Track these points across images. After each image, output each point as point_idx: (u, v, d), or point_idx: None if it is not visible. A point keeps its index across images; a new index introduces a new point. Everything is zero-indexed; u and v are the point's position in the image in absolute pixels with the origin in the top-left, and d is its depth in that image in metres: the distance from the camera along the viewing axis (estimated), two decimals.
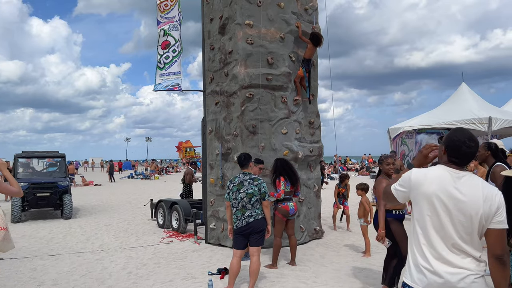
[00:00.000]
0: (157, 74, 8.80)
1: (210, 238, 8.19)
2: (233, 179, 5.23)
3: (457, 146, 2.28)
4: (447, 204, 2.23)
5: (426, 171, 2.35)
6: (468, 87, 12.65)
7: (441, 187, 2.25)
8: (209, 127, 8.49)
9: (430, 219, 2.27)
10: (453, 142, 2.30)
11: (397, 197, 2.45)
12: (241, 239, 5.09)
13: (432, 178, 2.29)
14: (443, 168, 2.33)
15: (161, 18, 8.99)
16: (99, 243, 8.60)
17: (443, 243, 2.24)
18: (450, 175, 2.28)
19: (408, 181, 2.37)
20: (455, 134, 2.32)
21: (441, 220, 2.24)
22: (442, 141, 2.43)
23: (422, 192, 2.30)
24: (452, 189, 2.24)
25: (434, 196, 2.25)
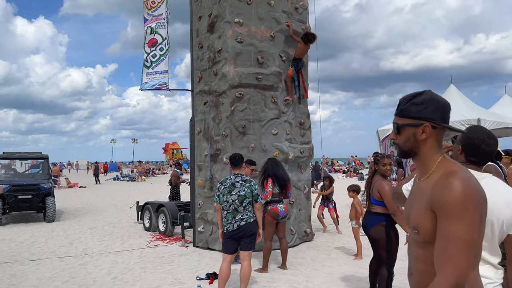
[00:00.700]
0: (144, 73, 8.56)
1: (198, 242, 7.97)
2: (223, 181, 5.03)
3: (476, 145, 2.14)
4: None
5: None
6: (457, 89, 12.71)
7: None
8: (198, 128, 8.29)
9: None
10: (472, 141, 2.15)
11: (407, 195, 2.29)
12: (231, 243, 4.89)
13: None
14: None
15: (148, 15, 8.77)
16: (82, 247, 8.31)
17: None
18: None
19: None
20: (473, 132, 2.17)
21: None
22: (457, 140, 2.26)
23: None
24: None
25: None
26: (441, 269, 1.45)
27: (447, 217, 1.46)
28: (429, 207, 1.54)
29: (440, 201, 1.49)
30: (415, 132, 1.62)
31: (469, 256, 1.44)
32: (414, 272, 1.67)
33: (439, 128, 1.63)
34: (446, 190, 1.47)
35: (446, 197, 1.46)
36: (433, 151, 1.64)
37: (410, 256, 1.73)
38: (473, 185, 1.49)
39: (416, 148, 1.64)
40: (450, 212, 1.45)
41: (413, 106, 1.63)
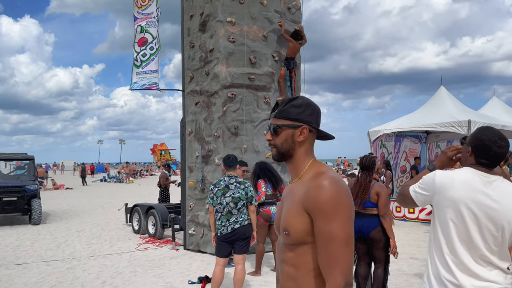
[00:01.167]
0: (134, 73, 8.40)
1: (189, 244, 7.83)
2: (217, 183, 4.91)
3: (487, 147, 2.06)
4: (476, 212, 2.00)
5: (453, 174, 2.11)
6: (447, 91, 12.74)
7: (469, 193, 2.01)
8: (189, 128, 8.15)
9: (456, 227, 2.03)
10: (482, 142, 2.07)
11: (417, 200, 2.20)
12: (225, 247, 4.77)
13: (460, 182, 2.05)
14: (471, 171, 2.09)
15: (138, 14, 8.60)
16: (70, 250, 8.10)
17: (469, 254, 2.00)
18: (480, 179, 2.05)
19: (432, 184, 2.11)
20: (484, 133, 2.09)
21: (468, 229, 2.01)
22: (466, 141, 2.18)
23: (448, 198, 2.05)
24: (482, 195, 2.00)
25: (462, 203, 2.01)
26: (328, 273, 1.47)
27: (325, 218, 1.47)
28: (303, 208, 1.54)
29: (315, 202, 1.49)
30: (293, 134, 1.64)
31: (351, 253, 1.48)
32: (280, 277, 1.65)
33: (314, 132, 1.67)
34: (319, 191, 1.49)
35: (322, 198, 1.48)
36: (306, 154, 1.66)
37: (277, 261, 1.71)
38: (341, 184, 1.53)
39: (292, 150, 1.65)
40: (327, 212, 1.47)
41: (292, 108, 1.64)
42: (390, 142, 13.18)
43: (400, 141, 13.52)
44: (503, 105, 15.24)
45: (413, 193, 2.21)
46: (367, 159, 4.84)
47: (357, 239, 4.69)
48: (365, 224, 4.67)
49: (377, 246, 4.70)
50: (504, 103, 15.50)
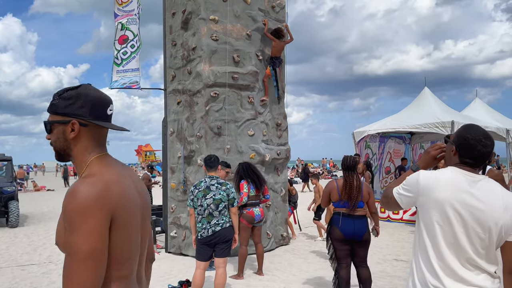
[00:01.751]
0: (114, 71, 8.16)
1: (170, 247, 7.65)
2: (198, 184, 4.75)
3: (471, 146, 1.96)
4: (462, 213, 1.90)
5: (437, 174, 2.01)
6: (431, 92, 12.80)
7: (455, 194, 1.92)
8: (170, 128, 7.97)
9: (442, 229, 1.93)
10: (467, 141, 1.97)
11: (401, 202, 2.10)
12: (206, 250, 4.62)
13: (445, 182, 1.95)
14: (456, 171, 1.99)
15: (119, 11, 8.38)
16: (47, 254, 7.84)
17: (455, 258, 1.90)
18: (465, 179, 1.95)
19: (416, 184, 2.01)
20: (468, 132, 1.99)
21: (455, 232, 1.91)
22: (450, 140, 2.08)
23: (432, 199, 1.94)
24: (468, 196, 1.91)
25: (447, 204, 1.91)
26: None
27: (70, 228, 1.29)
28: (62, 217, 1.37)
29: (64, 210, 1.32)
30: (64, 130, 1.45)
31: (94, 267, 1.28)
32: None
33: (93, 126, 1.46)
34: (68, 198, 1.31)
35: (69, 205, 1.30)
36: (86, 152, 1.46)
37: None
38: (99, 188, 1.32)
39: (68, 149, 1.47)
40: (71, 222, 1.28)
41: (61, 101, 1.46)
42: (374, 143, 13.19)
43: (384, 142, 13.53)
44: (486, 107, 15.42)
45: (396, 195, 2.10)
46: (351, 159, 4.78)
47: (345, 241, 4.60)
48: (359, 227, 4.62)
49: (365, 246, 4.71)
50: (486, 104, 15.69)
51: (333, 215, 4.75)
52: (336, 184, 4.73)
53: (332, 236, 4.69)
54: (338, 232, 4.59)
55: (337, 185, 4.70)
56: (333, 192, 4.69)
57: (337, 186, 4.69)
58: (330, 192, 4.71)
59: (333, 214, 4.76)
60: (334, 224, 4.65)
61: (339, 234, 4.59)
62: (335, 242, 4.65)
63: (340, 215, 4.61)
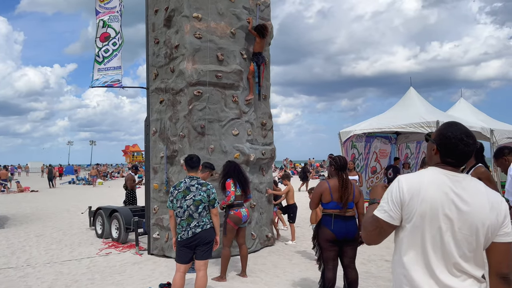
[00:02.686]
0: (95, 69, 7.99)
1: (153, 249, 7.50)
2: (177, 185, 4.62)
3: (453, 144, 1.87)
4: (448, 215, 1.80)
5: (419, 176, 1.91)
6: (416, 92, 12.83)
7: (439, 195, 1.82)
8: (153, 128, 7.82)
9: (428, 234, 1.82)
10: (448, 140, 1.88)
11: (393, 220, 1.87)
12: (186, 252, 4.50)
13: (428, 184, 1.85)
14: (437, 171, 1.89)
15: (100, 8, 8.21)
16: (25, 257, 7.63)
17: (441, 264, 1.80)
18: (448, 179, 1.86)
19: (401, 193, 1.86)
20: (449, 130, 1.90)
21: (442, 235, 1.80)
22: (431, 138, 1.99)
23: (418, 202, 1.83)
24: (454, 196, 1.81)
25: (432, 206, 1.81)
26: None
27: None
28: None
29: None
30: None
31: None
32: None
33: None
34: None
35: None
36: None
37: None
38: None
39: None
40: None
41: None
42: (360, 143, 13.17)
43: (370, 142, 13.52)
44: (470, 107, 15.52)
45: (385, 215, 1.89)
46: (342, 159, 4.69)
47: (335, 242, 4.51)
48: (350, 228, 4.56)
49: (355, 246, 4.66)
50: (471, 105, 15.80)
51: (323, 216, 4.62)
52: (328, 185, 4.56)
53: (321, 237, 4.56)
54: (329, 233, 4.47)
55: (329, 186, 4.55)
56: (325, 193, 4.53)
57: (329, 187, 4.54)
58: (322, 193, 4.56)
59: (322, 215, 4.63)
60: (325, 225, 4.52)
61: (330, 234, 4.47)
62: (324, 243, 4.53)
63: (332, 217, 4.49)
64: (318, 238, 4.66)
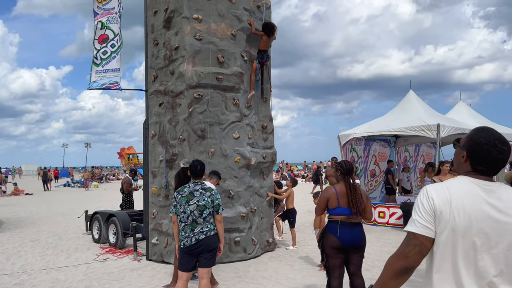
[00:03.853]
0: (93, 71, 7.84)
1: (152, 255, 7.34)
2: (181, 189, 4.48)
3: (485, 151, 1.73)
4: (483, 229, 1.66)
5: (448, 186, 1.75)
6: (416, 95, 12.77)
7: (472, 207, 1.68)
8: (152, 131, 7.67)
9: (461, 250, 1.67)
10: (479, 146, 1.74)
11: (431, 234, 1.70)
12: (189, 259, 4.35)
13: (460, 195, 1.71)
14: (468, 181, 1.75)
15: (99, 9, 8.06)
16: (21, 263, 7.44)
17: (474, 283, 1.66)
18: (481, 188, 1.72)
19: (431, 203, 1.72)
20: (481, 135, 1.76)
21: (475, 251, 1.66)
22: (459, 144, 1.85)
23: (449, 216, 1.69)
24: (488, 208, 1.67)
25: (466, 220, 1.67)
26: None
27: None
28: None
29: None
30: None
31: None
32: None
33: None
34: None
35: None
36: None
37: None
38: None
39: None
40: None
41: None
42: (360, 146, 13.09)
43: (369, 145, 13.45)
44: (469, 110, 15.52)
45: (422, 229, 1.71)
46: (349, 163, 4.58)
47: (341, 249, 4.38)
48: (357, 234, 4.42)
49: (362, 253, 4.53)
50: (470, 107, 15.80)
51: (328, 222, 4.49)
52: (335, 190, 4.42)
53: (327, 245, 4.42)
54: (335, 240, 4.33)
55: (336, 191, 4.41)
56: (332, 198, 4.39)
57: (336, 192, 4.41)
58: (329, 199, 4.42)
59: (328, 221, 4.50)
60: (331, 232, 4.38)
61: (336, 241, 4.33)
62: (330, 250, 4.39)
63: (338, 223, 4.36)
64: (323, 245, 4.53)
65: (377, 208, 10.85)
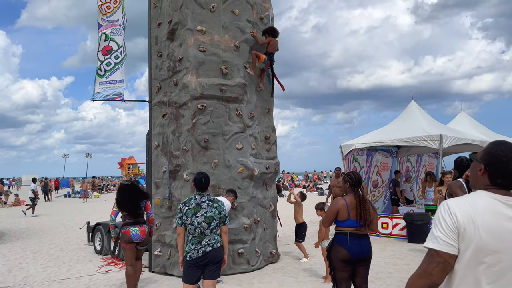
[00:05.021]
0: (97, 82, 7.87)
1: (154, 266, 7.29)
2: (187, 201, 4.46)
3: (503, 163, 1.70)
4: (508, 245, 1.62)
5: (470, 201, 1.71)
6: (417, 105, 12.80)
7: (496, 224, 1.64)
8: (155, 142, 7.68)
9: (485, 269, 1.63)
10: (499, 159, 1.71)
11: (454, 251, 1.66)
12: (194, 271, 4.32)
13: (483, 211, 1.67)
14: (487, 196, 1.72)
15: (103, 21, 8.13)
16: (23, 275, 7.39)
17: None
18: (502, 204, 1.68)
19: (454, 219, 1.67)
20: (499, 148, 1.73)
21: (501, 269, 1.61)
22: (476, 157, 1.82)
23: (473, 232, 1.65)
24: (510, 223, 1.64)
25: (489, 237, 1.63)
26: None
27: None
28: None
29: None
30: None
31: None
32: None
33: None
34: None
35: None
36: None
37: None
38: None
39: None
40: None
41: None
42: (362, 156, 13.09)
43: (372, 155, 13.46)
44: (470, 120, 15.53)
45: (445, 246, 1.66)
46: (356, 175, 4.54)
47: (350, 262, 4.34)
48: (365, 246, 4.39)
49: (368, 265, 4.49)
50: (472, 117, 15.81)
51: (336, 234, 4.43)
52: (345, 202, 4.38)
53: (335, 257, 4.35)
54: (345, 253, 4.28)
55: (346, 202, 4.37)
56: (342, 210, 4.34)
57: (346, 204, 4.36)
58: (339, 211, 4.36)
59: (336, 233, 4.44)
60: (340, 244, 4.31)
61: (346, 254, 4.28)
62: (338, 263, 4.33)
63: (348, 235, 4.32)
64: (331, 257, 4.48)
65: (380, 219, 10.79)
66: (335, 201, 4.53)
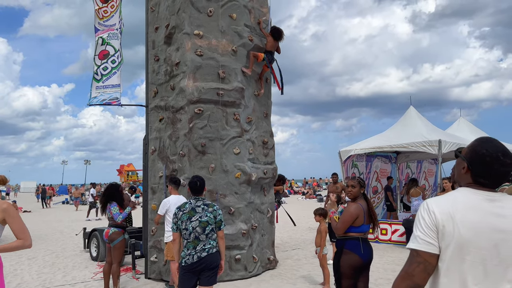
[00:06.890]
0: (93, 87, 7.81)
1: (151, 273, 7.19)
2: (182, 206, 4.37)
3: (487, 163, 1.65)
4: (491, 240, 1.57)
5: (449, 198, 1.67)
6: (416, 111, 12.75)
7: (477, 219, 1.59)
8: (152, 146, 7.61)
9: (469, 265, 1.58)
10: (482, 158, 1.66)
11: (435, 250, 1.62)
12: (190, 278, 4.23)
13: (463, 207, 1.62)
14: (469, 192, 1.67)
15: (100, 25, 8.09)
16: (17, 282, 7.29)
17: None
18: (484, 199, 1.64)
19: (433, 217, 1.63)
20: (483, 147, 1.67)
21: (485, 266, 1.57)
22: (461, 154, 1.76)
23: (453, 229, 1.60)
24: (493, 218, 1.59)
25: (472, 232, 1.59)
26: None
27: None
28: None
29: None
30: None
31: None
32: None
33: None
34: None
35: None
36: None
37: None
38: None
39: None
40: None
41: None
42: (361, 162, 13.02)
43: (371, 161, 13.38)
44: (470, 126, 15.50)
45: (425, 246, 1.62)
46: (362, 180, 4.51)
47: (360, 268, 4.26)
48: (372, 250, 4.38)
49: (369, 269, 4.44)
50: (471, 123, 15.78)
51: (348, 240, 4.29)
52: (362, 207, 4.29)
53: (347, 264, 4.20)
54: (357, 259, 4.16)
55: (363, 208, 4.28)
56: (361, 216, 4.25)
57: (363, 209, 4.28)
58: (358, 216, 4.25)
59: (347, 239, 4.30)
60: (354, 251, 4.19)
61: (358, 260, 4.16)
62: (350, 270, 4.18)
63: (360, 240, 4.23)
64: (340, 264, 4.30)
65: (379, 225, 10.70)
66: (353, 206, 4.33)
